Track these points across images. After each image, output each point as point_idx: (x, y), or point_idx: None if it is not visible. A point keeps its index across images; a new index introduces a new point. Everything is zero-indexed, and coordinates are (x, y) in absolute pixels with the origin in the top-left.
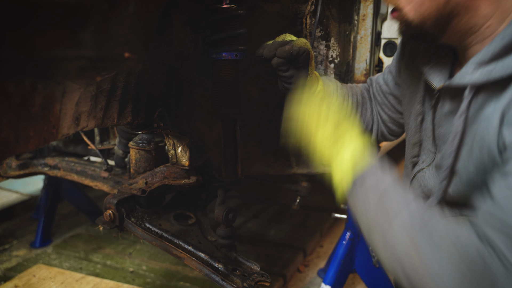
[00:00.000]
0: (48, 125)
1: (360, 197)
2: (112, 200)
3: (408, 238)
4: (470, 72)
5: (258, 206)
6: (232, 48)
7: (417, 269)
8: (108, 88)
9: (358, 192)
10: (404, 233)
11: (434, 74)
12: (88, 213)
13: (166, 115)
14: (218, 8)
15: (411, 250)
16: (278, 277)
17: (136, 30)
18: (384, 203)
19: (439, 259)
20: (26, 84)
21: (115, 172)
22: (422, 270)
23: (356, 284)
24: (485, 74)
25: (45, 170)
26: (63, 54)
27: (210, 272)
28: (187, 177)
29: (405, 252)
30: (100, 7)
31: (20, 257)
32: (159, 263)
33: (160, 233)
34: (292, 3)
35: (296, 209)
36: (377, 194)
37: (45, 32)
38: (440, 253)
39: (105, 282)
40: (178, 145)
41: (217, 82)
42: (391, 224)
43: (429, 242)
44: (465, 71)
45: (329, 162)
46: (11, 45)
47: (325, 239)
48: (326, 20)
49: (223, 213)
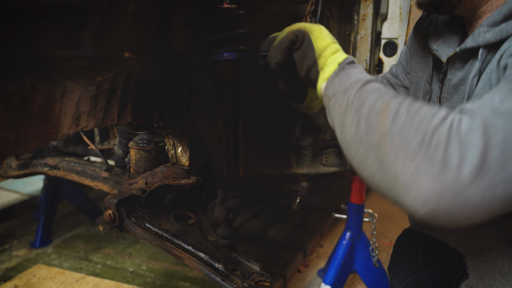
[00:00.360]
0: (48, 125)
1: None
2: (112, 200)
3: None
4: (484, 32)
5: (258, 206)
6: (232, 48)
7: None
8: (108, 88)
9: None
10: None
11: (443, 50)
12: (88, 213)
13: (166, 115)
14: (218, 8)
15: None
16: (278, 277)
17: (136, 30)
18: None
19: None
20: (26, 84)
21: (115, 172)
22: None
23: (356, 284)
24: (498, 32)
25: (45, 170)
26: (64, 54)
27: (210, 272)
28: (187, 177)
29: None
30: (100, 7)
31: (20, 257)
32: (159, 263)
33: (160, 233)
34: (292, 3)
35: (296, 209)
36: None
37: (46, 32)
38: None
39: (105, 282)
40: (178, 145)
41: (218, 82)
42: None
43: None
44: (478, 32)
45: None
46: (13, 45)
47: (325, 239)
48: (326, 20)
49: (223, 213)
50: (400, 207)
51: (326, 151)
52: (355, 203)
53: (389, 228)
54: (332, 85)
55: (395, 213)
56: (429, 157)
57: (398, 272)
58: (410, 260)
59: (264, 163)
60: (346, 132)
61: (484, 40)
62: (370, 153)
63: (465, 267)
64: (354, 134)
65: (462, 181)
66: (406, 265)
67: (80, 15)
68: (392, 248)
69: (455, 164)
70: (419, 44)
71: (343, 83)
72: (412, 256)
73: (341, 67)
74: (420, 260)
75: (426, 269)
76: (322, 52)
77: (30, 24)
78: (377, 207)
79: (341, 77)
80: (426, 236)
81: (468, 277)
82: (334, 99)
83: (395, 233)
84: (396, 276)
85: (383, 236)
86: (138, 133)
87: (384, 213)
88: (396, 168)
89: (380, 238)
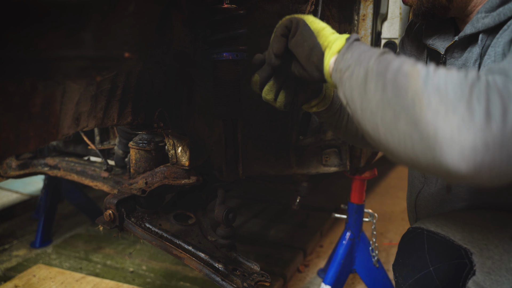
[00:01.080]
0: (48, 125)
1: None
2: (112, 200)
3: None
4: (482, 18)
5: (258, 206)
6: (232, 48)
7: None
8: (108, 88)
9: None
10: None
11: (439, 42)
12: (88, 213)
13: (166, 115)
14: (218, 8)
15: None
16: (278, 277)
17: (136, 30)
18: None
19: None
20: (26, 84)
21: (115, 172)
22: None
23: (356, 284)
24: (496, 16)
25: (45, 170)
26: (64, 54)
27: (210, 272)
28: (187, 177)
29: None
30: (101, 7)
31: (20, 257)
32: (159, 263)
33: (160, 233)
34: (292, 3)
35: (296, 209)
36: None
37: (47, 32)
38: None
39: (105, 282)
40: (178, 145)
41: (217, 82)
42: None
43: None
44: (476, 19)
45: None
46: (13, 45)
47: (325, 239)
48: (326, 20)
49: (223, 213)
50: (439, 171)
51: (326, 151)
52: (355, 203)
53: (389, 228)
54: (344, 59)
55: (395, 213)
56: (471, 111)
57: (404, 270)
58: (417, 258)
59: (264, 163)
60: (369, 100)
61: (484, 25)
62: (401, 116)
63: (472, 264)
64: (380, 99)
65: (508, 131)
66: (412, 263)
67: (81, 15)
68: (397, 246)
69: (499, 116)
70: (412, 45)
71: (357, 55)
72: (419, 254)
73: (349, 42)
74: (427, 257)
75: (433, 266)
76: (320, 32)
77: (30, 24)
78: (377, 207)
79: (352, 51)
80: (432, 233)
81: (475, 273)
82: (349, 72)
83: (395, 233)
84: (402, 274)
85: (383, 236)
86: (138, 133)
87: (384, 213)
88: (435, 125)
89: (380, 238)
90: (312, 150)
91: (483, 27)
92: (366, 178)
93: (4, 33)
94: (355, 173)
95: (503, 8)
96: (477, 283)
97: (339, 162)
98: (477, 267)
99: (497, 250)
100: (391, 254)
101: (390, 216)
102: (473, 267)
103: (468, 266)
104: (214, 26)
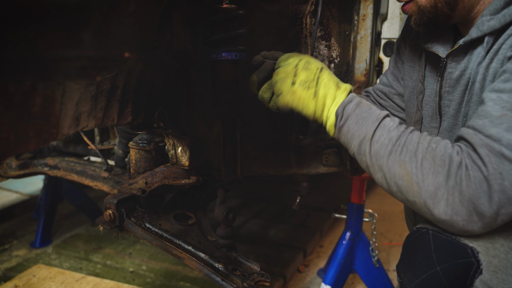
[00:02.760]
0: (48, 125)
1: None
2: (112, 200)
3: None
4: (487, 20)
5: (258, 206)
6: (231, 48)
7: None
8: (108, 88)
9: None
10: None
11: (438, 46)
12: (88, 213)
13: (166, 115)
14: (218, 8)
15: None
16: (278, 277)
17: (136, 30)
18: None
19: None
20: (26, 84)
21: (115, 172)
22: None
23: (356, 284)
24: (501, 18)
25: (45, 170)
26: (64, 54)
27: (210, 272)
28: (187, 177)
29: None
30: (101, 7)
31: (20, 257)
32: (159, 263)
33: (160, 233)
34: (292, 3)
35: (296, 209)
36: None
37: (47, 32)
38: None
39: (105, 282)
40: (178, 145)
41: (216, 82)
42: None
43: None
44: (481, 22)
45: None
46: (14, 46)
47: (325, 239)
48: (326, 20)
49: (223, 213)
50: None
51: (326, 151)
52: (355, 203)
53: (389, 228)
54: (341, 135)
55: (395, 213)
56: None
57: (410, 270)
58: (423, 258)
59: (264, 163)
60: (379, 183)
61: (489, 28)
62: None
63: (479, 263)
64: (388, 189)
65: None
66: (419, 263)
67: (81, 15)
68: (399, 246)
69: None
70: (410, 49)
71: (350, 139)
72: (426, 254)
73: (337, 127)
74: (434, 257)
75: (440, 266)
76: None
77: (31, 24)
78: (377, 207)
79: (345, 134)
80: (438, 232)
81: (482, 272)
82: (351, 151)
83: (395, 233)
84: (407, 274)
85: (383, 236)
86: (138, 133)
87: (384, 213)
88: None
89: (380, 238)
90: (312, 150)
91: (489, 29)
92: (366, 178)
93: (4, 33)
94: (355, 173)
95: (508, 9)
96: (484, 282)
97: (339, 162)
98: (484, 266)
99: (503, 249)
100: (391, 254)
101: (390, 216)
102: (480, 266)
103: (475, 265)
104: (214, 26)
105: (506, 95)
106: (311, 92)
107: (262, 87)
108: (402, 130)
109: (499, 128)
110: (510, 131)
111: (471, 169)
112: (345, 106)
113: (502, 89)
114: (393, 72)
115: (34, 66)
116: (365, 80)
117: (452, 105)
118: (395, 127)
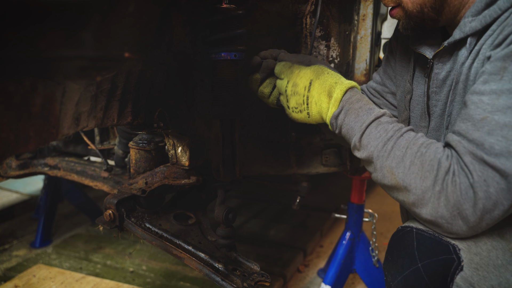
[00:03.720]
0: (48, 125)
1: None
2: (112, 200)
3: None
4: (469, 22)
5: (258, 206)
6: (231, 48)
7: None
8: (108, 88)
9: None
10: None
11: (425, 48)
12: (88, 213)
13: (166, 115)
14: (217, 8)
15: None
16: (278, 277)
17: (136, 30)
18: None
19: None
20: (26, 84)
21: (115, 172)
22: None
23: (356, 284)
24: (482, 19)
25: (45, 170)
26: (64, 54)
27: (210, 272)
28: (187, 177)
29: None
30: (101, 7)
31: (20, 257)
32: (159, 263)
33: (160, 233)
34: (292, 3)
35: (296, 209)
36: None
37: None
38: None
39: (105, 282)
40: (178, 145)
41: (215, 82)
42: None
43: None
44: (463, 23)
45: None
46: (14, 46)
47: (325, 239)
48: (326, 20)
49: (223, 213)
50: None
51: (326, 151)
52: (355, 203)
53: (389, 228)
54: (342, 139)
55: (395, 213)
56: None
57: (393, 267)
58: (405, 255)
59: (264, 163)
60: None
61: (471, 29)
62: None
63: (460, 260)
64: (382, 188)
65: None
66: (401, 260)
67: (81, 15)
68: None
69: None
70: (401, 49)
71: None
72: (408, 251)
73: (337, 133)
74: (416, 254)
75: (421, 262)
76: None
77: (31, 24)
78: (377, 207)
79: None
80: (422, 231)
81: (463, 269)
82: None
83: None
84: (391, 271)
85: (383, 236)
86: (138, 133)
87: (384, 213)
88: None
89: (380, 238)
90: (312, 150)
91: (471, 30)
92: (366, 178)
93: (4, 33)
94: (355, 173)
95: (488, 10)
96: (465, 279)
97: (339, 162)
98: (465, 263)
99: (486, 247)
100: None
101: (390, 216)
102: (461, 263)
103: (456, 261)
104: (213, 26)
105: (487, 97)
106: (304, 114)
107: (263, 83)
108: (390, 135)
109: (481, 131)
110: (491, 134)
111: (458, 175)
112: (336, 117)
113: (482, 91)
114: (385, 70)
115: (34, 66)
116: (365, 80)
117: (439, 105)
118: (383, 132)
